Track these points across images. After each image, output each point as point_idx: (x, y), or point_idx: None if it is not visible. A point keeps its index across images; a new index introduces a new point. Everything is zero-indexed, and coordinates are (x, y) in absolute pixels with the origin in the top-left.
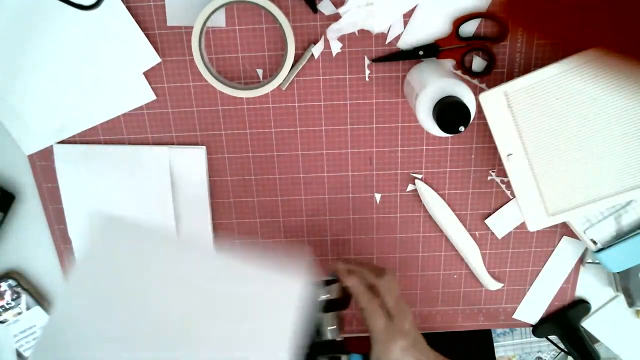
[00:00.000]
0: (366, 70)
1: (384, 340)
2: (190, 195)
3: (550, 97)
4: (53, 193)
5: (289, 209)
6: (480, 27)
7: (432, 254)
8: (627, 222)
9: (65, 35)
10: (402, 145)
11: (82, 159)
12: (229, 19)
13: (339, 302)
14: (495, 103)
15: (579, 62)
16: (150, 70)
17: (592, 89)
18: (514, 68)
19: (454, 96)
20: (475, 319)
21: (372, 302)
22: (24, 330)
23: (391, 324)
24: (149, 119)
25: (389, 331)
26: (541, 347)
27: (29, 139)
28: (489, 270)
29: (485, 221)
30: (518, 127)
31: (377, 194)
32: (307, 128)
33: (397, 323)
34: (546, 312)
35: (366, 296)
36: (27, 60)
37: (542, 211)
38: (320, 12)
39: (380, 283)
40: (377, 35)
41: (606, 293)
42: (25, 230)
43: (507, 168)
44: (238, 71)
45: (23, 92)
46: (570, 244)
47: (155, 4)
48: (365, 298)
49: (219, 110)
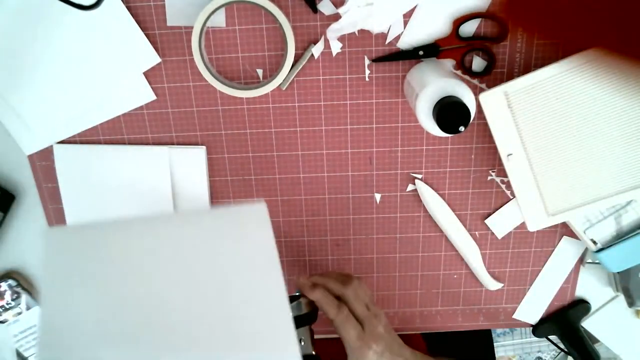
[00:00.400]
0: (366, 70)
1: (358, 348)
2: (190, 195)
3: (550, 97)
4: (53, 193)
5: (289, 209)
6: (480, 27)
7: (432, 254)
8: (627, 222)
9: (65, 35)
10: (402, 145)
11: (82, 159)
12: (229, 19)
13: (306, 316)
14: (495, 103)
15: (579, 62)
16: (150, 70)
17: (592, 89)
18: (514, 68)
19: (454, 96)
20: (475, 319)
21: (341, 313)
22: (24, 330)
23: (363, 331)
24: (149, 119)
25: (362, 338)
26: (541, 347)
27: (29, 139)
28: (489, 270)
29: (485, 221)
30: (518, 127)
31: (377, 194)
32: (307, 128)
33: (369, 329)
34: (546, 312)
35: (334, 308)
36: (27, 60)
37: (542, 211)
38: (320, 12)
39: (346, 291)
40: (377, 35)
41: (606, 293)
42: (25, 230)
43: (507, 168)
44: (238, 71)
45: (23, 92)
46: (570, 244)
47: (155, 4)
48: (333, 310)
49: (219, 110)
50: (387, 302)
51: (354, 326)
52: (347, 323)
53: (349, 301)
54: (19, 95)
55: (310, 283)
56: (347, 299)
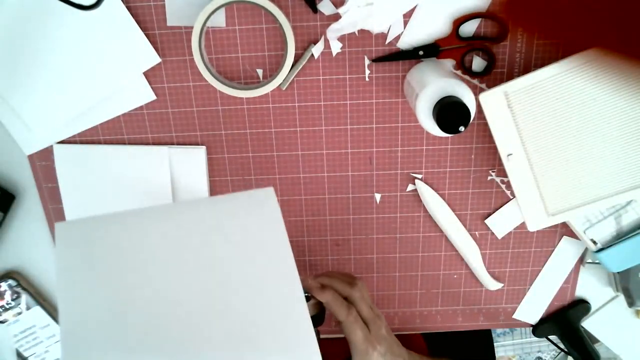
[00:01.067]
0: (366, 70)
1: (364, 350)
2: (190, 195)
3: (550, 97)
4: (53, 193)
5: (289, 209)
6: (480, 27)
7: (432, 254)
8: (627, 222)
9: (65, 35)
10: (402, 145)
11: (82, 159)
12: (229, 19)
13: (314, 319)
14: (495, 103)
15: (579, 62)
16: (150, 70)
17: (592, 89)
18: (514, 68)
19: (454, 96)
20: (475, 319)
21: (350, 314)
22: (24, 330)
23: (369, 333)
24: (149, 119)
25: (368, 339)
26: (541, 347)
27: (29, 139)
28: (489, 270)
29: (485, 221)
30: (518, 127)
31: (377, 194)
32: (307, 128)
33: (374, 330)
34: (546, 312)
35: (344, 309)
36: (27, 60)
37: (542, 211)
38: (320, 12)
39: (353, 293)
40: (377, 35)
41: (606, 293)
42: (25, 230)
43: (507, 168)
44: (238, 71)
45: (23, 92)
46: (570, 244)
47: (155, 4)
48: (343, 312)
49: (219, 110)
50: (387, 302)
51: (362, 328)
52: (355, 324)
53: (356, 302)
54: (19, 95)
55: (319, 284)
56: (353, 300)
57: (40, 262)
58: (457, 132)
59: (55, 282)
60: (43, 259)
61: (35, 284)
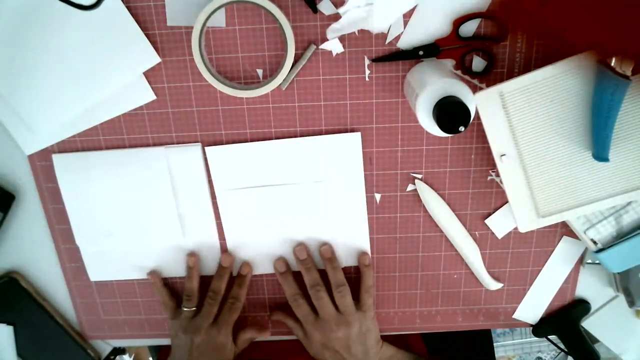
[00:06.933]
0: (366, 70)
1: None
2: (191, 194)
3: (545, 98)
4: (53, 193)
5: None
6: (480, 27)
7: (432, 254)
8: (627, 222)
9: (65, 35)
10: (402, 145)
11: (82, 167)
12: (229, 19)
13: None
14: (490, 103)
15: (574, 65)
16: (150, 70)
17: (587, 91)
18: (514, 68)
19: (454, 96)
20: (475, 319)
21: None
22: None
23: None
24: (149, 119)
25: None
26: (541, 347)
27: (29, 139)
28: (489, 270)
29: (485, 221)
30: (512, 128)
31: (377, 194)
32: (307, 128)
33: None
34: (546, 312)
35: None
36: (27, 60)
37: (533, 212)
38: (320, 12)
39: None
40: (377, 35)
41: (606, 293)
42: (25, 230)
43: (499, 168)
44: (238, 71)
45: (23, 92)
46: (570, 244)
47: (155, 4)
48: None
49: (219, 110)
50: (387, 302)
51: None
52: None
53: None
54: (19, 95)
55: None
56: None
57: (40, 262)
58: (457, 132)
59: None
60: (43, 259)
61: (35, 284)
